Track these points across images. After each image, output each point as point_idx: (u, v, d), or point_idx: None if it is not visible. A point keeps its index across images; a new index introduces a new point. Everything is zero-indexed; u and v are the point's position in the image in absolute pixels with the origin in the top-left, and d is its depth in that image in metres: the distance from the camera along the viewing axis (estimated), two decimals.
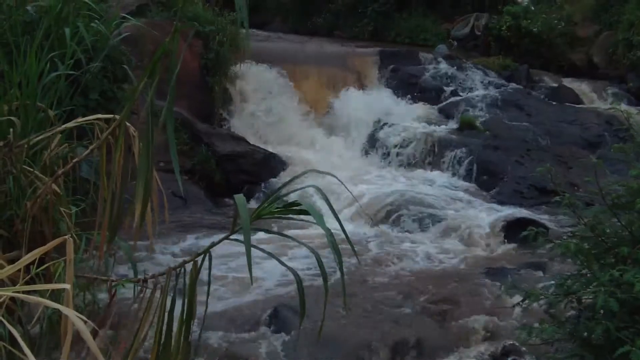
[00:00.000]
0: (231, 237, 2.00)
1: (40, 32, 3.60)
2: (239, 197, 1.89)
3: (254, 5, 16.72)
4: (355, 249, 7.46)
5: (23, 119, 2.98)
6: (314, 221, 1.86)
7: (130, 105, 2.30)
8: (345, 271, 1.97)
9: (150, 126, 2.08)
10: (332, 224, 1.99)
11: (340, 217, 2.05)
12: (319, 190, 2.02)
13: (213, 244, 2.05)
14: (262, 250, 2.10)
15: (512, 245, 8.15)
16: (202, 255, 2.05)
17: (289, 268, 2.10)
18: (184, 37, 10.72)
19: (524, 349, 5.26)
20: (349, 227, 8.03)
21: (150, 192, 2.19)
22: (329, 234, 1.87)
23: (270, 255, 2.17)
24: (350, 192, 2.96)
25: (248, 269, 1.86)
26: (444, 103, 13.00)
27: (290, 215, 2.01)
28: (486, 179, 10.62)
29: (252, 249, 1.83)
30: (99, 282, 2.53)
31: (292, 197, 2.05)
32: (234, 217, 1.91)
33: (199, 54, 11.29)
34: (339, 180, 2.21)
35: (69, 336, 1.58)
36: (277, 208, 2.00)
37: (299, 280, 2.04)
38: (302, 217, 1.95)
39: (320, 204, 1.98)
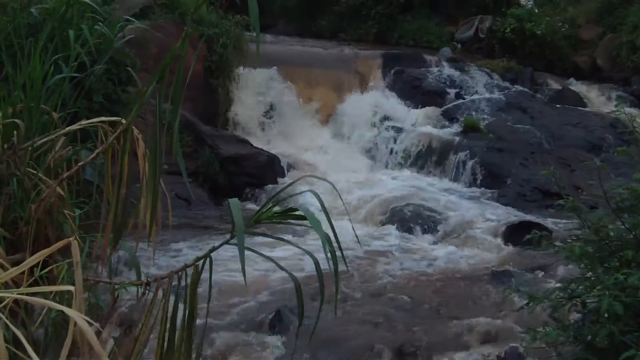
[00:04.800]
0: (231, 241, 2.00)
1: (44, 35, 3.59)
2: (234, 202, 1.90)
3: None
4: (357, 251, 7.49)
5: (27, 121, 2.98)
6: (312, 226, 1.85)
7: (137, 110, 2.30)
8: (345, 273, 1.98)
9: (157, 131, 2.08)
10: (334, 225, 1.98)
11: (342, 219, 2.05)
12: (316, 195, 2.02)
13: (213, 248, 2.06)
14: (261, 254, 2.11)
15: (516, 249, 8.13)
16: (203, 259, 2.05)
17: (288, 272, 2.10)
18: (191, 42, 10.78)
19: (527, 352, 5.25)
20: (350, 229, 8.02)
21: (157, 196, 2.18)
22: (326, 241, 1.86)
23: (269, 259, 2.17)
24: (342, 201, 2.97)
25: (242, 273, 1.86)
26: (448, 106, 12.99)
27: (290, 221, 2.01)
28: (490, 181, 10.62)
29: (253, 252, 1.84)
30: (102, 284, 2.53)
31: (295, 200, 2.06)
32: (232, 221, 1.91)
33: (202, 57, 11.31)
34: (333, 187, 2.23)
35: (69, 336, 1.58)
36: (276, 213, 2.00)
37: (297, 285, 2.04)
38: (301, 222, 1.95)
39: (322, 207, 1.97)
